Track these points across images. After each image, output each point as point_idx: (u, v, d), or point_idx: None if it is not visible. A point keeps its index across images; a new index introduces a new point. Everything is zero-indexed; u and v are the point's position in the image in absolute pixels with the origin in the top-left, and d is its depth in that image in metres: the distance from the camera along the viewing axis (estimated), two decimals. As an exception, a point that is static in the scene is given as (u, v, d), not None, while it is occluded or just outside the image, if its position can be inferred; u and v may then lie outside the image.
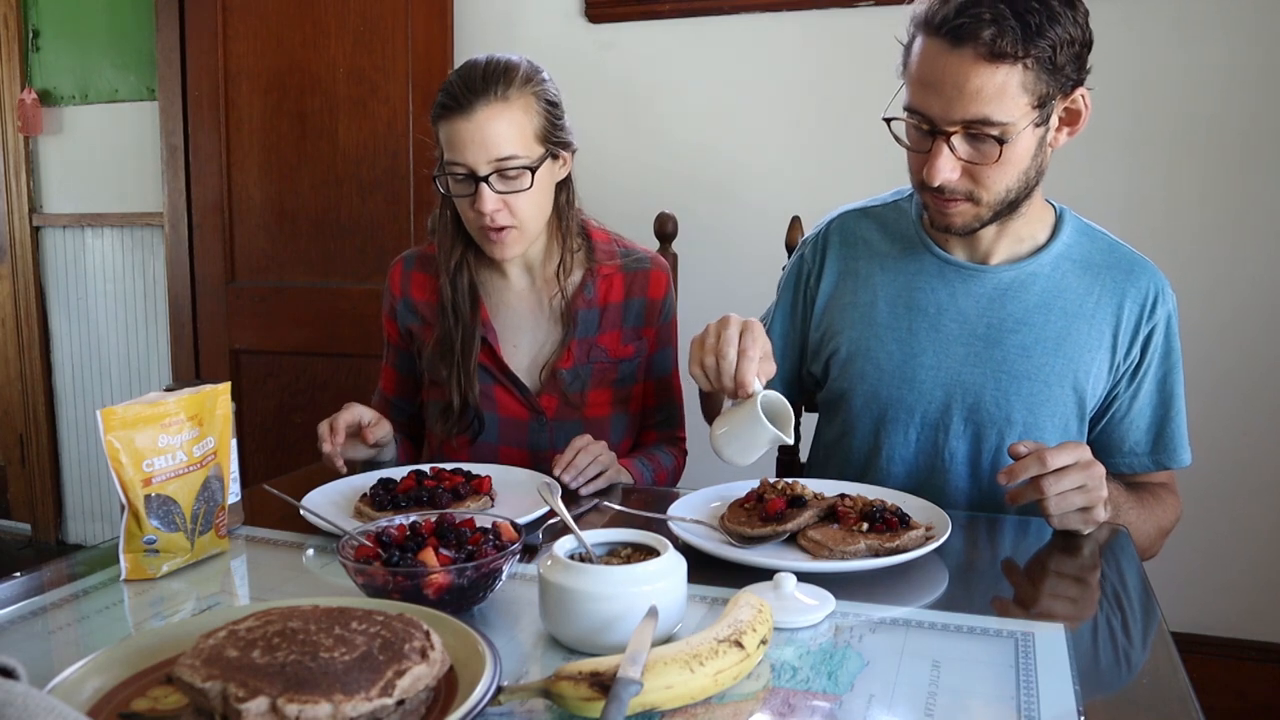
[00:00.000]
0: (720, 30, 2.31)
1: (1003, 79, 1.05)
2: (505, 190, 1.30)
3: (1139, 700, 0.73)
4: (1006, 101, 1.06)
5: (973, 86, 1.06)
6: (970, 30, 1.04)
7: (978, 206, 1.16)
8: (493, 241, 1.34)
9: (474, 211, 1.31)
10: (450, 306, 1.40)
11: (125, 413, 0.91)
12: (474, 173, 1.29)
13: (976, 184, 1.13)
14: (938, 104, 1.09)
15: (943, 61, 1.07)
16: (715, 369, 1.08)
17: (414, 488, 1.11)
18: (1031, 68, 1.06)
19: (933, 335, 1.25)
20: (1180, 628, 2.11)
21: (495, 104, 1.28)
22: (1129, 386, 1.25)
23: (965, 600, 0.89)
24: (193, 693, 0.59)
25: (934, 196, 1.16)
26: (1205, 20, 2.01)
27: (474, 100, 1.27)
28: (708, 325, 1.11)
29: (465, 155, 1.28)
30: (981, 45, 1.04)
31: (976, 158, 1.11)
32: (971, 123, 1.08)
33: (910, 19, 1.14)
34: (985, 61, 1.05)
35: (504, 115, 1.29)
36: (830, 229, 1.38)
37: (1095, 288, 1.23)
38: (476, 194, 1.30)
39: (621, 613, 0.75)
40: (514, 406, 1.43)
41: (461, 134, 1.28)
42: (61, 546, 3.20)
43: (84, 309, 3.08)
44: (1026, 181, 1.15)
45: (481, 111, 1.28)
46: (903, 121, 1.16)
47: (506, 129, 1.29)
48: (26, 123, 2.95)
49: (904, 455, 1.28)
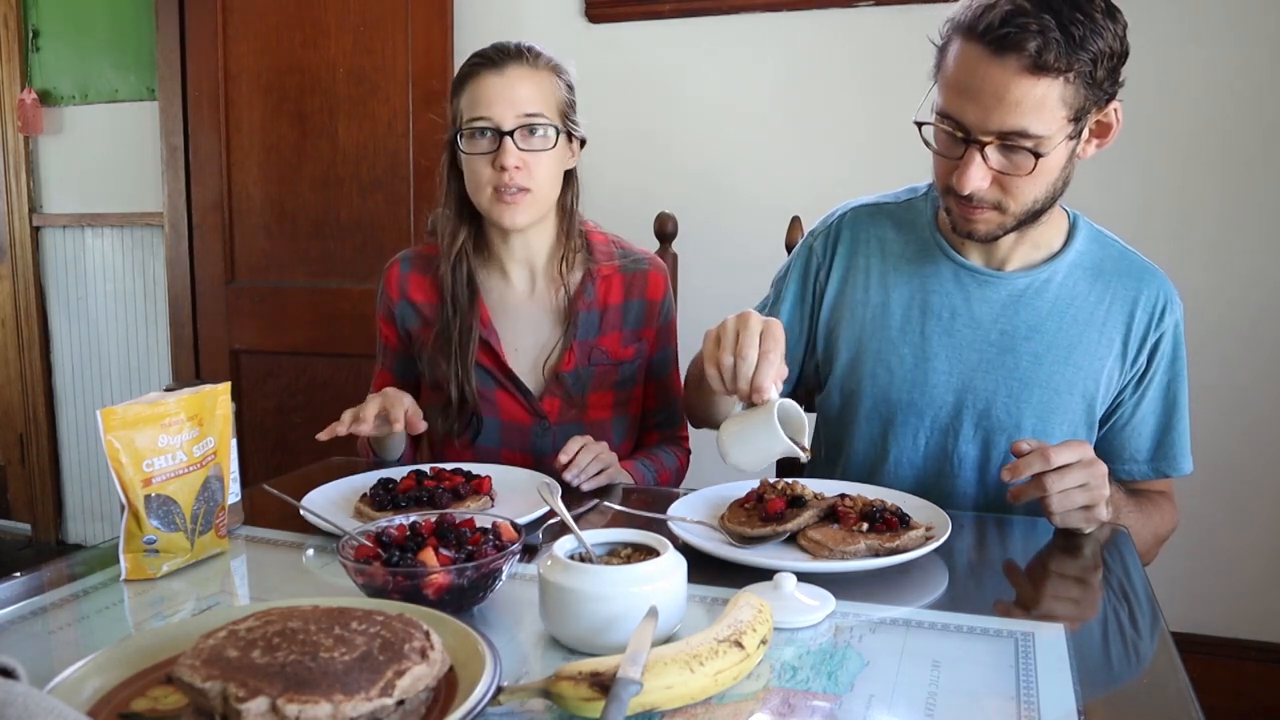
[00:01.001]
0: (720, 30, 2.31)
1: (1043, 92, 1.03)
2: (527, 148, 1.32)
3: (1139, 700, 0.73)
4: (1045, 115, 1.04)
5: (1013, 98, 1.03)
6: (1015, 41, 1.01)
7: (1004, 216, 1.14)
8: (507, 203, 1.34)
9: (493, 169, 1.32)
10: (449, 297, 1.40)
11: (125, 413, 0.91)
12: (499, 127, 1.31)
13: (1005, 194, 1.11)
14: (974, 112, 1.06)
15: (983, 70, 1.04)
16: (732, 370, 1.03)
17: (414, 488, 1.11)
18: (1072, 81, 1.03)
19: (946, 340, 1.24)
20: (1180, 628, 2.11)
21: (526, 66, 1.34)
22: (1134, 393, 1.24)
23: (965, 600, 0.89)
24: (193, 693, 0.59)
25: (959, 203, 1.14)
26: (1219, 26, 2.00)
27: (507, 60, 1.33)
28: (725, 321, 1.06)
29: (493, 109, 1.31)
30: (1026, 57, 1.01)
31: (1008, 169, 1.09)
32: (1008, 134, 1.06)
33: (948, 21, 1.10)
34: (1028, 74, 1.02)
35: (533, 77, 1.34)
36: (842, 223, 1.36)
37: (1106, 295, 1.22)
38: (500, 149, 1.31)
39: (621, 613, 0.75)
40: (516, 410, 1.42)
41: (492, 88, 1.32)
42: (61, 546, 3.20)
43: (84, 309, 3.08)
44: (1053, 193, 1.14)
45: (513, 69, 1.33)
46: (931, 126, 1.13)
47: (534, 90, 1.34)
48: (26, 123, 2.95)
49: (912, 459, 1.27)
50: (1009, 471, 1.02)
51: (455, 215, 1.41)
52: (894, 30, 2.17)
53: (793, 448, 1.01)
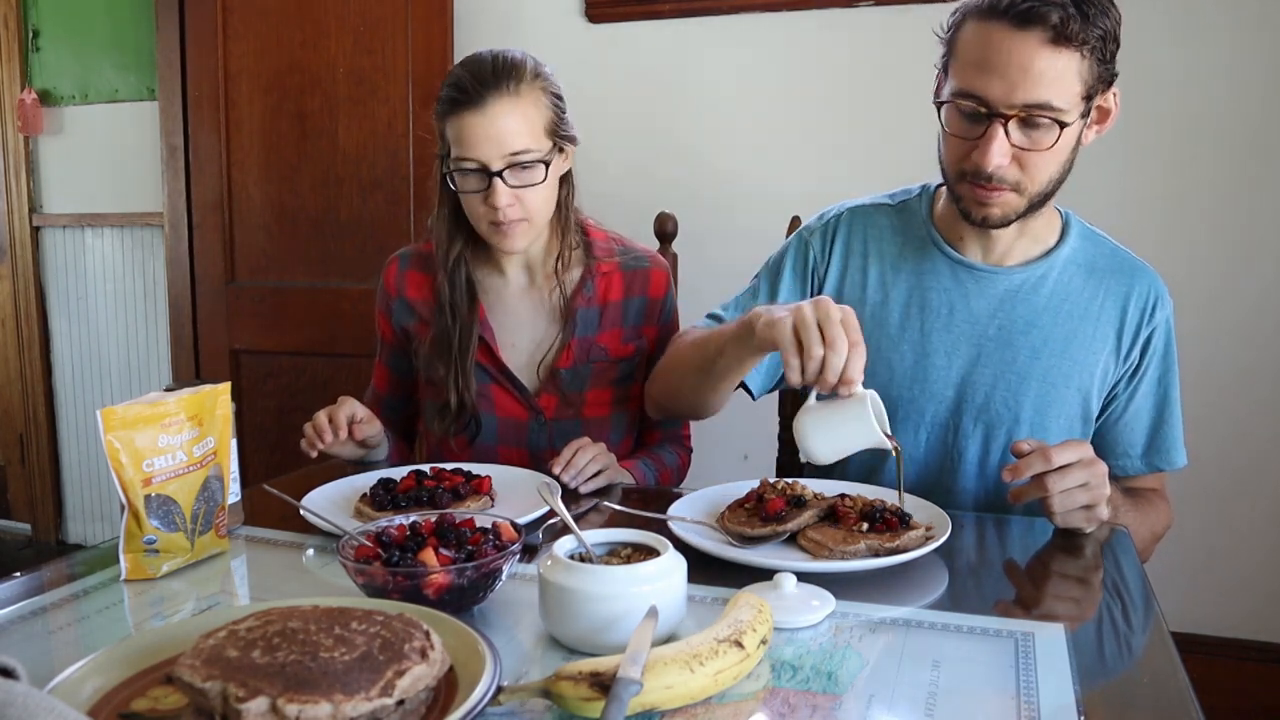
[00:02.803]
0: (720, 30, 2.31)
1: (1064, 64, 1.06)
2: (518, 184, 1.30)
3: (1139, 700, 0.73)
4: (1066, 88, 1.07)
5: (1037, 69, 1.06)
6: (1039, 13, 1.05)
7: (1020, 197, 1.15)
8: (504, 235, 1.33)
9: (486, 207, 1.31)
10: (448, 305, 1.40)
11: (125, 413, 0.91)
12: (487, 167, 1.28)
13: (1024, 172, 1.13)
14: (999, 86, 1.08)
15: (1008, 44, 1.07)
16: (820, 361, 0.96)
17: (414, 488, 1.11)
18: (1087, 57, 1.07)
19: (944, 335, 1.26)
20: (1180, 628, 2.10)
21: (507, 98, 1.27)
22: (1128, 387, 1.26)
23: (965, 600, 0.89)
24: (193, 693, 0.59)
25: (975, 186, 1.15)
26: (1206, 21, 2.01)
27: (486, 94, 1.26)
28: (799, 309, 0.99)
29: (478, 150, 1.27)
30: (1049, 29, 1.05)
31: (1029, 144, 1.11)
32: (1032, 106, 1.08)
33: (956, 10, 1.14)
34: (1050, 45, 1.05)
35: (516, 109, 1.28)
36: (839, 222, 1.36)
37: (1100, 291, 1.24)
38: (490, 189, 1.29)
39: (621, 613, 0.75)
40: (512, 406, 1.42)
41: (474, 128, 1.27)
42: (61, 546, 3.20)
43: (84, 309, 3.08)
44: (1062, 175, 1.16)
45: (494, 105, 1.26)
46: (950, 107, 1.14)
47: (519, 123, 1.28)
48: (26, 123, 2.95)
49: (913, 455, 1.28)
50: (1010, 472, 1.02)
51: (451, 224, 1.40)
52: (894, 30, 2.17)
53: (884, 440, 0.99)
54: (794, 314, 0.99)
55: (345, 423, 1.26)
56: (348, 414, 1.27)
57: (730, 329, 1.13)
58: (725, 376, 1.18)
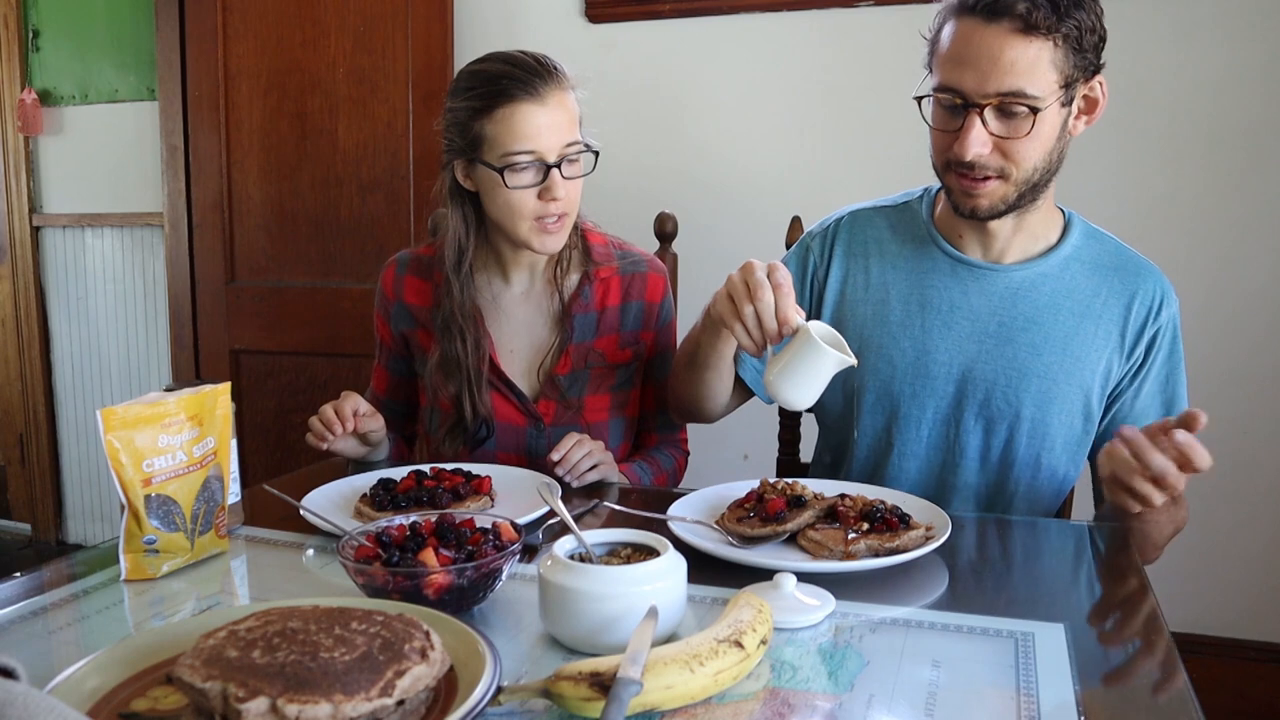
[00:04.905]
0: (720, 30, 2.31)
1: (1035, 53, 1.09)
2: (571, 176, 1.30)
3: (1139, 700, 0.73)
4: (1038, 76, 1.10)
5: (1007, 59, 1.09)
6: (1005, 5, 1.09)
7: (1006, 185, 1.17)
8: (550, 233, 1.31)
9: (540, 201, 1.28)
10: (458, 322, 1.37)
11: (125, 413, 0.91)
12: (544, 159, 1.27)
13: (1007, 159, 1.15)
14: (972, 78, 1.11)
15: (978, 36, 1.10)
16: (755, 316, 1.04)
17: (414, 488, 1.11)
18: (1060, 45, 1.10)
19: (945, 331, 1.26)
20: (1180, 628, 2.11)
21: (560, 91, 1.29)
22: (1132, 384, 1.26)
23: (965, 600, 0.89)
24: (193, 693, 0.59)
25: (961, 177, 1.17)
26: (1204, 20, 2.01)
27: (545, 86, 1.26)
28: (729, 277, 1.08)
29: (539, 142, 1.26)
30: (1016, 19, 1.08)
31: (1007, 132, 1.13)
32: (1005, 95, 1.10)
33: (939, 11, 1.17)
34: (1019, 35, 1.09)
35: (567, 102, 1.30)
36: (840, 226, 1.38)
37: (1103, 289, 1.25)
38: (547, 182, 1.28)
39: (621, 613, 0.75)
40: (511, 413, 1.42)
41: (535, 119, 1.26)
42: (61, 546, 3.20)
43: (84, 309, 3.08)
44: (1050, 163, 1.18)
45: (554, 97, 1.27)
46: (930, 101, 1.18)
47: (571, 116, 1.30)
48: (26, 123, 2.95)
49: (916, 450, 1.29)
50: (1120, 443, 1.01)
51: (464, 235, 1.37)
52: (894, 30, 2.17)
53: (843, 358, 1.01)
54: (724, 286, 1.08)
55: (351, 415, 1.25)
56: (352, 407, 1.27)
57: (701, 319, 1.22)
58: (708, 366, 1.24)
